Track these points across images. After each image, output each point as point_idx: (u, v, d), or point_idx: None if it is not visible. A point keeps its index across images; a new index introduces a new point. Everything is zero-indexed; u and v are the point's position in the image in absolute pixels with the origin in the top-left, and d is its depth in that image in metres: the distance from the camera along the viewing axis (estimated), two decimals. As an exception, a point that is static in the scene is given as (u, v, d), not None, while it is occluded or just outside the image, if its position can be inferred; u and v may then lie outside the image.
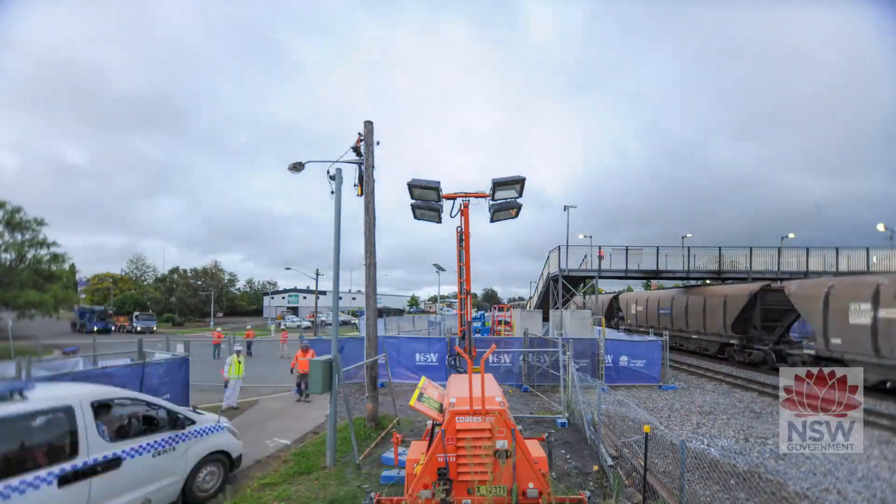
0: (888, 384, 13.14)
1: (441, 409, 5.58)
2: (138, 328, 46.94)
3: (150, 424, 5.81)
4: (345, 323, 48.89)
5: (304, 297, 77.39)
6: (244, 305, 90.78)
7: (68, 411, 4.86)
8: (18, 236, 30.15)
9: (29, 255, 30.73)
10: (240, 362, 12.16)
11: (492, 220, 6.86)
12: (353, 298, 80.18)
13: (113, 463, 5.09)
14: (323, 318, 51.89)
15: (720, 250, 25.06)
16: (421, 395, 5.73)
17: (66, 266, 34.95)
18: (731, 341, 20.73)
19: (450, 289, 62.70)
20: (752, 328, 19.98)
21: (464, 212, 6.69)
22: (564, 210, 28.46)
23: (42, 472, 4.46)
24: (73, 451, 4.77)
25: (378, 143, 9.97)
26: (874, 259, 23.85)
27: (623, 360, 15.47)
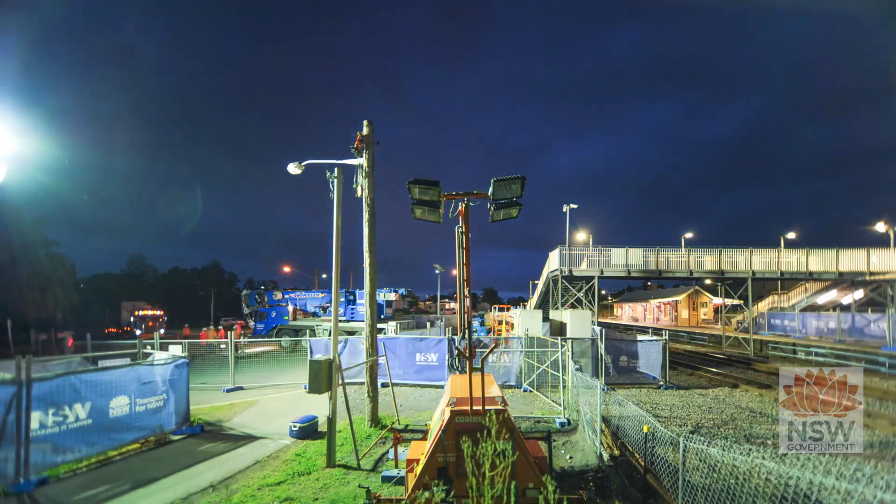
0: None
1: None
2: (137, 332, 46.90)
3: None
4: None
5: (304, 298, 77.18)
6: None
7: None
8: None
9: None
10: None
11: (492, 220, 6.85)
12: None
13: None
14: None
15: (721, 251, 25.07)
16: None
17: (66, 266, 34.94)
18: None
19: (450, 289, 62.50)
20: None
21: (461, 212, 6.67)
22: (564, 210, 28.41)
23: None
24: None
25: (378, 143, 9.98)
26: (875, 259, 23.84)
27: (623, 360, 15.45)
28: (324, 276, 51.05)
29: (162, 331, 37.93)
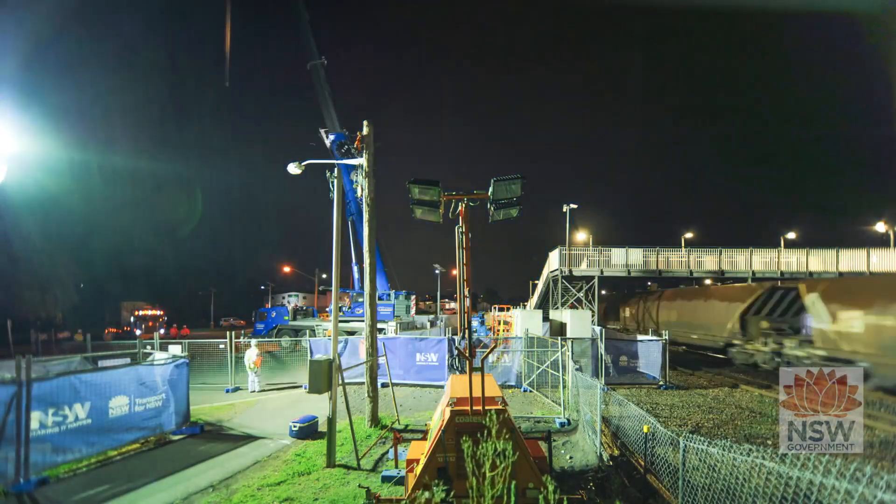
0: None
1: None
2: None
3: None
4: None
5: (305, 298, 77.48)
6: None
7: None
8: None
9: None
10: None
11: (492, 220, 6.85)
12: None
13: None
14: None
15: (721, 251, 25.07)
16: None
17: (66, 266, 34.97)
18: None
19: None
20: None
21: (461, 212, 6.67)
22: (564, 210, 28.35)
23: None
24: None
25: (378, 145, 9.99)
26: (875, 259, 23.84)
27: (623, 360, 15.44)
28: (324, 275, 51.08)
29: (162, 331, 37.97)
